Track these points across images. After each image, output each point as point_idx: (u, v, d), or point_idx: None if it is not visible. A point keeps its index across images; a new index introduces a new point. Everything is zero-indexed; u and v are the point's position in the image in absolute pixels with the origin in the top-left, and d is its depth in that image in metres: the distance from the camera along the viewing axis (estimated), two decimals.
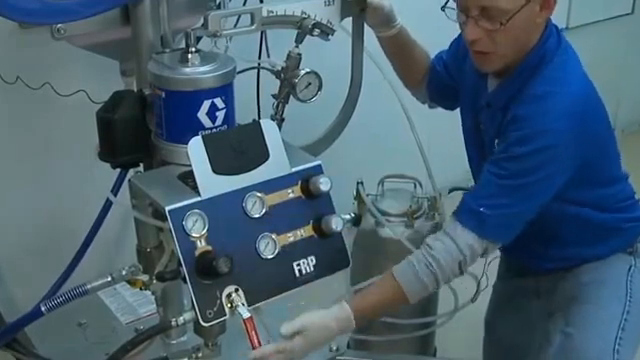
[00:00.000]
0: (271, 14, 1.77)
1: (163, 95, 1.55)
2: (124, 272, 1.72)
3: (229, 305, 1.46)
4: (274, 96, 1.86)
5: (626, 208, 1.86)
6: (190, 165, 1.46)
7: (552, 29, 1.71)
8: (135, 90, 1.70)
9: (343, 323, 1.62)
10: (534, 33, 1.68)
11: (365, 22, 1.92)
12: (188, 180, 1.50)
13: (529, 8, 1.61)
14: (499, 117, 1.72)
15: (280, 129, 1.69)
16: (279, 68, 1.84)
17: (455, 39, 1.94)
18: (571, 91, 1.66)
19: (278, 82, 1.85)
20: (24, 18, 1.58)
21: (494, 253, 1.80)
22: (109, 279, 1.70)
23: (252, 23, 1.77)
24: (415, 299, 1.69)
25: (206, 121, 1.55)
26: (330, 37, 1.85)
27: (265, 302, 1.52)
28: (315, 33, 1.81)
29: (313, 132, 1.95)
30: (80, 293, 1.68)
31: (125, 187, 1.69)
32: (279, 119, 1.86)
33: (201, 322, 1.45)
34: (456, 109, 1.99)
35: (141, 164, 1.70)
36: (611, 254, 1.86)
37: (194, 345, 1.70)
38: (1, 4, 1.46)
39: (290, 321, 1.58)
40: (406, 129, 1.99)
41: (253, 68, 2.04)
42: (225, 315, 1.47)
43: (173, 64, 1.57)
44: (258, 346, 1.47)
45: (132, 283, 1.75)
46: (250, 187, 1.50)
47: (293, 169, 1.56)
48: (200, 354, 1.68)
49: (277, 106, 1.86)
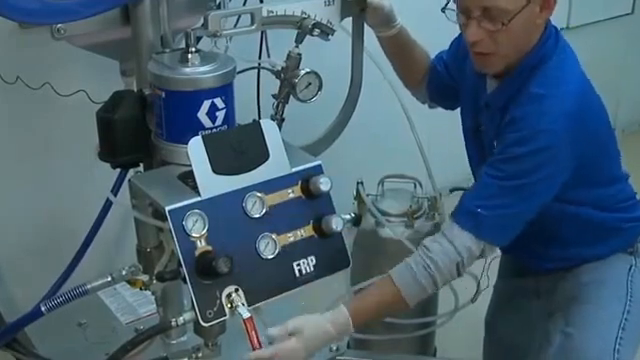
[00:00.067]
0: (271, 14, 1.77)
1: (163, 95, 1.55)
2: (124, 272, 1.72)
3: (229, 305, 1.46)
4: (274, 96, 1.86)
5: (626, 208, 1.86)
6: (190, 165, 1.46)
7: (551, 30, 1.71)
8: (135, 90, 1.70)
9: (341, 326, 1.61)
10: (534, 34, 1.68)
11: (365, 22, 1.92)
12: (188, 180, 1.50)
13: (530, 9, 1.61)
14: (498, 118, 1.72)
15: (280, 129, 1.69)
16: (279, 68, 1.84)
17: (455, 39, 1.94)
18: (569, 91, 1.66)
19: (278, 82, 1.85)
20: (24, 18, 1.58)
21: (495, 253, 1.79)
22: (109, 279, 1.70)
23: (252, 23, 1.77)
24: (413, 302, 1.67)
25: (206, 121, 1.55)
26: (330, 37, 1.86)
27: (265, 302, 1.52)
28: (315, 33, 1.81)
29: (313, 132, 1.95)
30: (80, 293, 1.68)
31: (125, 187, 1.69)
32: (279, 119, 1.86)
33: (201, 322, 1.45)
34: (456, 109, 1.98)
35: (141, 164, 1.70)
36: (611, 254, 1.85)
37: (194, 345, 1.70)
38: (1, 4, 1.46)
39: (282, 324, 1.57)
40: (406, 129, 1.99)
41: (253, 68, 2.04)
42: (225, 315, 1.47)
43: (173, 64, 1.57)
44: (258, 346, 1.47)
45: (132, 283, 1.75)
46: (250, 187, 1.50)
47: (293, 169, 1.56)
48: (200, 354, 1.68)
49: (277, 106, 1.86)
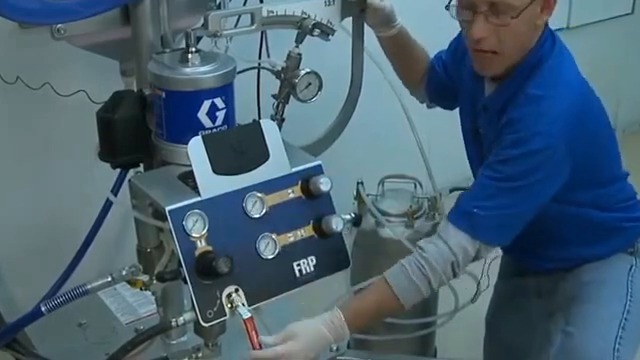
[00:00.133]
0: (271, 14, 1.77)
1: (163, 95, 1.55)
2: (124, 272, 1.72)
3: (229, 305, 1.46)
4: (274, 96, 1.86)
5: (627, 208, 1.86)
6: (190, 165, 1.46)
7: (548, 32, 1.71)
8: (135, 90, 1.70)
9: (337, 330, 1.59)
10: (534, 35, 1.68)
11: (365, 22, 1.92)
12: (188, 180, 1.50)
13: (532, 8, 1.61)
14: (496, 121, 1.71)
15: (280, 129, 1.69)
16: (279, 68, 1.84)
17: (453, 40, 1.94)
18: (566, 92, 1.66)
19: (278, 82, 1.85)
20: (24, 18, 1.58)
21: (491, 253, 1.79)
22: (109, 279, 1.70)
23: (252, 23, 1.77)
24: (409, 303, 1.66)
25: (206, 121, 1.55)
26: (330, 37, 1.86)
27: (265, 302, 1.52)
28: (315, 33, 1.81)
29: (313, 132, 1.95)
30: (80, 293, 1.68)
31: (125, 187, 1.69)
32: (279, 119, 1.86)
33: (201, 322, 1.45)
34: (455, 109, 1.98)
35: (141, 164, 1.70)
36: (612, 254, 1.85)
37: (194, 345, 1.70)
38: (1, 4, 1.46)
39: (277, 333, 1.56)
40: (406, 129, 1.99)
41: (253, 68, 2.03)
42: (225, 315, 1.47)
43: (173, 64, 1.57)
44: (258, 347, 1.47)
45: (132, 283, 1.75)
46: (250, 187, 1.50)
47: (293, 169, 1.56)
48: (200, 354, 1.68)
49: (277, 106, 1.86)
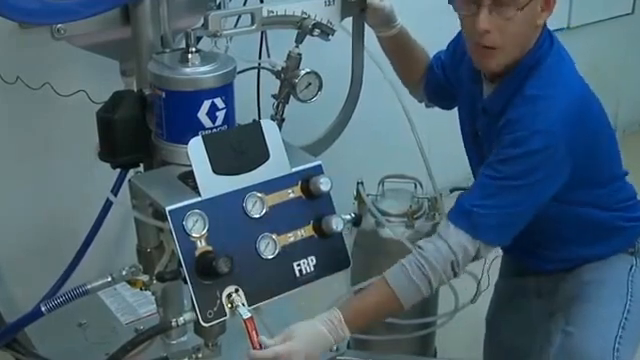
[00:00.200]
0: (271, 14, 1.77)
1: (163, 95, 1.55)
2: (124, 272, 1.72)
3: (229, 305, 1.46)
4: (274, 96, 1.86)
5: (627, 208, 1.86)
6: (190, 165, 1.46)
7: (547, 33, 1.71)
8: (135, 90, 1.70)
9: (336, 330, 1.59)
10: (534, 35, 1.68)
11: (365, 22, 1.92)
12: (188, 180, 1.50)
13: (534, 4, 1.61)
14: (495, 123, 1.71)
15: (280, 129, 1.69)
16: (279, 68, 1.84)
17: (452, 40, 1.94)
18: (564, 92, 1.66)
19: (278, 82, 1.85)
20: (24, 18, 1.58)
21: (491, 253, 1.78)
22: (109, 279, 1.70)
23: (252, 23, 1.77)
24: (409, 303, 1.66)
25: (206, 121, 1.55)
26: (330, 37, 1.86)
27: (265, 302, 1.52)
28: (315, 33, 1.81)
29: (313, 132, 1.95)
30: (80, 293, 1.68)
31: (125, 187, 1.69)
32: (279, 119, 1.86)
33: (201, 322, 1.45)
34: (453, 109, 1.99)
35: (141, 164, 1.70)
36: (612, 254, 1.85)
37: (194, 345, 1.70)
38: (1, 4, 1.46)
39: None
40: (406, 129, 1.99)
41: (253, 68, 2.03)
42: (225, 315, 1.47)
43: (173, 64, 1.57)
44: (258, 347, 1.47)
45: (132, 283, 1.75)
46: (250, 187, 1.50)
47: (293, 169, 1.56)
48: (200, 354, 1.68)
49: (277, 106, 1.86)
